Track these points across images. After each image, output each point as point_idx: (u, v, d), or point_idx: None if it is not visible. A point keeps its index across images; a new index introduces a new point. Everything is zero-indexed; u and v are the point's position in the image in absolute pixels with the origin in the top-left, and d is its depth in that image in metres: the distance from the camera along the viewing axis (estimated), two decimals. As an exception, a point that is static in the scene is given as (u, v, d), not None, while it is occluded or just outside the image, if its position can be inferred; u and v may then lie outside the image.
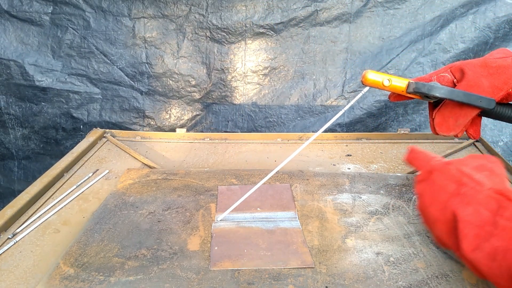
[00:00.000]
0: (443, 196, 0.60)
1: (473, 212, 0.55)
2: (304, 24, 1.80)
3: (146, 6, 1.81)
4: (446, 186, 0.60)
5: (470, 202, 0.57)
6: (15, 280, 0.70)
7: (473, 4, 1.72)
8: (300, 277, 0.67)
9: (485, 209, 0.55)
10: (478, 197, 0.56)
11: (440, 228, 0.60)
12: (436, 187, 0.62)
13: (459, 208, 0.57)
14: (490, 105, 0.67)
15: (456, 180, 0.60)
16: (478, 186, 0.58)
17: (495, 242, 0.52)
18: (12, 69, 1.86)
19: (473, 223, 0.55)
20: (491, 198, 0.55)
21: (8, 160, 2.07)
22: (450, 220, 0.58)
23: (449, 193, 0.59)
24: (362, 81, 0.73)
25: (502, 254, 0.50)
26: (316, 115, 1.90)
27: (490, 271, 0.51)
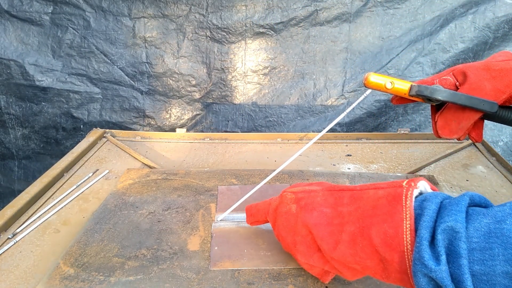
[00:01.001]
0: (291, 219, 0.62)
1: (318, 214, 0.58)
2: (304, 24, 1.81)
3: (146, 6, 1.82)
4: (290, 210, 0.63)
5: (312, 208, 0.59)
6: (15, 280, 0.70)
7: (473, 4, 1.72)
8: (300, 277, 0.67)
9: (326, 207, 0.58)
10: (316, 200, 0.60)
11: (301, 249, 0.61)
12: (283, 216, 0.64)
13: (306, 218, 0.59)
14: (492, 108, 0.67)
15: (294, 200, 0.63)
16: (312, 193, 0.61)
17: (348, 228, 0.53)
18: (12, 69, 1.86)
19: (322, 223, 0.57)
20: (326, 196, 0.59)
21: (8, 159, 2.07)
22: (306, 235, 0.60)
23: (294, 213, 0.62)
24: (365, 83, 0.73)
25: (360, 234, 0.52)
26: (316, 114, 1.90)
27: (356, 258, 0.52)
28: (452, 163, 1.12)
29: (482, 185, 1.00)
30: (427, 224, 0.45)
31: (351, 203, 0.55)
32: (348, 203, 0.55)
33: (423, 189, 0.51)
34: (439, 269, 0.42)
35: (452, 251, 0.42)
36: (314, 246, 0.59)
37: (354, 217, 0.53)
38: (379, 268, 0.50)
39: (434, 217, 0.45)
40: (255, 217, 0.72)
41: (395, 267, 0.48)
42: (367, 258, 0.51)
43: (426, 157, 1.15)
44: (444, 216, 0.44)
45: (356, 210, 0.54)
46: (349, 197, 0.56)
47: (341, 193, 0.58)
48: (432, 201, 0.46)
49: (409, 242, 0.46)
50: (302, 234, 0.60)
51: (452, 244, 0.42)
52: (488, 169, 1.08)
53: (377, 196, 0.52)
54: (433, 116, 0.76)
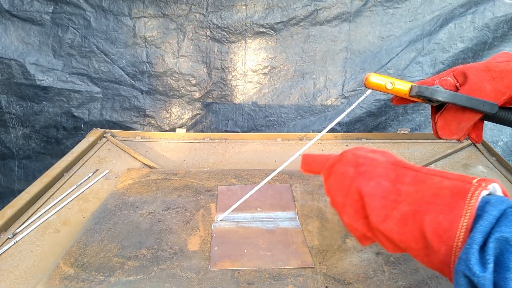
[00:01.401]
0: (346, 180, 0.62)
1: (375, 185, 0.57)
2: (304, 24, 1.80)
3: (147, 5, 1.82)
4: (347, 172, 0.62)
5: (370, 177, 0.59)
6: (15, 280, 0.70)
7: (472, 4, 1.72)
8: (300, 277, 0.68)
9: (386, 180, 0.57)
10: (376, 171, 0.59)
11: (348, 212, 0.61)
12: (338, 176, 0.64)
13: (361, 185, 0.59)
14: (492, 109, 0.68)
15: (353, 164, 0.62)
16: (374, 162, 0.60)
17: (403, 208, 0.53)
18: (13, 69, 1.86)
19: (377, 195, 0.57)
20: (388, 169, 0.58)
21: (8, 159, 2.07)
22: (357, 200, 0.59)
23: (350, 176, 0.61)
24: (365, 84, 0.73)
25: (412, 217, 0.51)
26: (316, 114, 1.90)
27: (402, 237, 0.52)
28: (452, 163, 1.12)
29: (482, 185, 1.00)
30: (483, 229, 0.44)
31: (413, 184, 0.54)
32: (409, 183, 0.55)
33: (493, 190, 0.49)
34: (483, 276, 0.41)
35: (501, 262, 0.42)
36: (362, 212, 0.59)
37: (412, 198, 0.53)
38: (422, 253, 0.50)
39: (492, 223, 0.44)
40: (310, 166, 0.71)
41: (439, 257, 0.48)
42: (413, 241, 0.51)
43: (426, 157, 1.15)
44: (502, 226, 0.43)
45: (415, 193, 0.53)
46: (412, 177, 0.55)
47: (404, 171, 0.57)
48: (496, 207, 0.45)
49: (461, 240, 0.45)
50: (354, 199, 0.60)
51: (503, 255, 0.42)
52: (488, 169, 1.08)
53: (441, 185, 0.51)
54: (433, 116, 0.76)
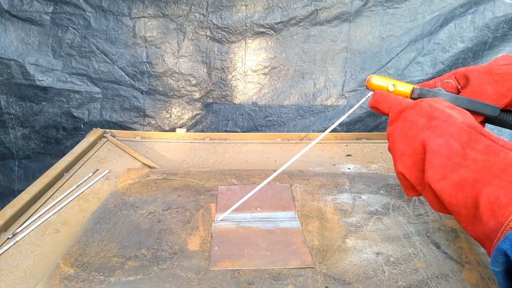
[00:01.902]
0: (413, 130, 0.60)
1: (443, 143, 0.56)
2: (304, 24, 1.80)
3: (147, 5, 1.82)
4: (417, 121, 0.61)
5: (441, 134, 0.57)
6: (15, 280, 0.70)
7: (472, 4, 1.72)
8: (300, 277, 0.68)
9: (456, 141, 0.55)
10: (449, 129, 0.57)
11: (405, 161, 0.60)
12: (406, 123, 0.62)
13: (429, 139, 0.57)
14: (494, 112, 0.68)
15: (427, 115, 0.60)
16: (450, 119, 0.58)
17: (464, 172, 0.52)
18: (13, 69, 1.86)
19: (442, 154, 0.55)
20: (462, 130, 0.56)
21: (8, 159, 2.07)
22: (418, 152, 0.58)
23: (419, 127, 0.60)
24: (367, 85, 0.73)
25: (471, 184, 0.50)
26: (316, 114, 1.90)
27: (454, 201, 0.52)
28: (452, 163, 1.12)
29: (482, 185, 1.00)
30: None
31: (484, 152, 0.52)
32: (480, 151, 0.53)
33: None
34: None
35: None
36: (420, 165, 0.58)
37: (477, 166, 0.51)
38: (468, 221, 0.50)
39: None
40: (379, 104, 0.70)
41: (484, 229, 0.47)
42: (464, 207, 0.50)
43: (426, 157, 1.15)
44: None
45: (483, 162, 0.51)
46: (485, 146, 0.53)
47: (479, 137, 0.54)
48: None
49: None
50: (415, 150, 0.58)
51: None
52: (488, 169, 1.08)
53: None
54: None
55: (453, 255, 0.72)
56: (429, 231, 0.79)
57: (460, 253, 0.72)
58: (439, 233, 0.78)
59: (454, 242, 0.75)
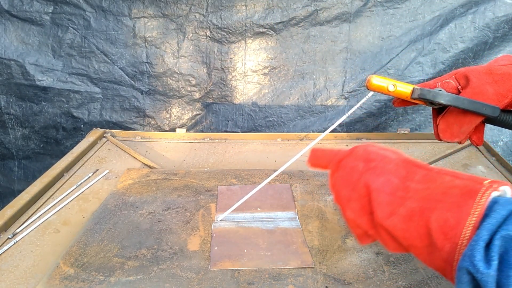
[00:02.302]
0: (354, 175, 0.62)
1: (384, 181, 0.57)
2: (304, 24, 1.80)
3: (147, 5, 1.81)
4: (356, 166, 0.62)
5: (380, 173, 0.59)
6: (15, 280, 0.70)
7: (473, 4, 1.72)
8: (300, 277, 0.68)
9: (395, 177, 0.57)
10: (387, 167, 0.59)
11: (353, 207, 0.61)
12: (347, 170, 0.63)
13: (370, 180, 0.59)
14: (494, 112, 0.68)
15: (364, 158, 0.62)
16: (386, 159, 0.60)
17: (410, 204, 0.53)
18: (13, 69, 1.86)
19: (385, 191, 0.56)
20: (399, 166, 0.58)
21: (8, 160, 2.07)
22: (364, 195, 0.59)
23: (359, 171, 0.61)
24: (367, 86, 0.73)
25: (419, 214, 0.51)
26: (316, 114, 1.90)
27: (407, 234, 0.52)
28: (452, 163, 1.12)
29: (482, 185, 1.00)
30: (490, 227, 0.44)
31: (423, 181, 0.54)
32: (419, 181, 0.54)
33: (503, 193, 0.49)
34: (487, 273, 0.41)
35: (505, 260, 0.42)
36: (368, 208, 0.59)
37: (420, 195, 0.53)
38: (425, 251, 0.50)
39: (499, 222, 0.44)
40: (318, 159, 0.71)
41: (442, 255, 0.48)
42: (417, 238, 0.51)
43: (426, 157, 1.15)
44: (509, 224, 0.43)
45: (424, 190, 0.53)
46: (422, 176, 0.55)
47: (415, 169, 0.56)
48: (504, 207, 0.45)
49: (467, 238, 0.46)
50: (360, 194, 0.60)
51: (507, 253, 0.42)
52: (488, 169, 1.08)
53: (451, 184, 0.51)
54: (434, 119, 0.76)
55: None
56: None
57: (460, 253, 0.72)
58: (439, 233, 0.78)
59: (454, 242, 0.75)
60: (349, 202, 0.61)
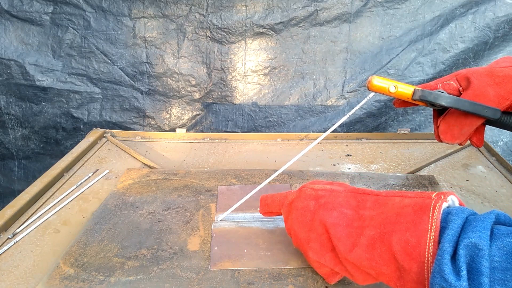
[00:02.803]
0: (308, 215, 0.62)
1: (338, 214, 0.58)
2: (304, 24, 1.81)
3: (147, 6, 1.82)
4: (307, 206, 0.62)
5: (332, 207, 0.59)
6: (15, 280, 0.70)
7: (473, 4, 1.72)
8: (300, 277, 0.67)
9: (348, 209, 0.57)
10: (337, 201, 0.59)
11: (314, 247, 0.60)
12: (299, 211, 0.63)
13: (324, 216, 0.59)
14: (495, 115, 0.68)
15: (313, 197, 0.62)
16: (334, 193, 0.61)
17: (368, 232, 0.53)
18: (13, 69, 1.86)
19: (341, 224, 0.56)
20: (348, 197, 0.59)
21: (8, 160, 2.07)
22: (322, 233, 0.59)
23: (311, 210, 0.61)
24: (368, 86, 0.73)
25: (379, 240, 0.51)
26: (316, 115, 1.90)
27: (372, 263, 0.52)
28: (452, 163, 1.12)
29: (482, 185, 1.00)
30: (450, 238, 0.44)
31: (375, 207, 0.55)
32: (371, 207, 0.55)
33: (451, 203, 0.50)
34: (459, 285, 0.41)
35: (473, 268, 0.42)
36: (329, 245, 0.58)
37: (376, 222, 0.53)
38: (394, 276, 0.50)
39: (458, 232, 0.44)
40: (269, 207, 0.71)
41: (412, 276, 0.47)
42: (384, 265, 0.50)
43: (426, 157, 1.15)
44: (468, 232, 0.43)
45: (379, 215, 0.53)
46: (372, 202, 0.56)
47: (364, 197, 0.57)
48: (458, 216, 0.46)
49: (431, 254, 0.45)
50: (318, 232, 0.59)
51: (474, 261, 0.42)
52: (488, 169, 1.08)
53: (402, 204, 0.51)
54: (435, 120, 0.76)
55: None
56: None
57: (461, 253, 0.72)
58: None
59: (454, 242, 0.75)
60: (309, 243, 0.61)
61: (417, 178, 0.98)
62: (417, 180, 0.96)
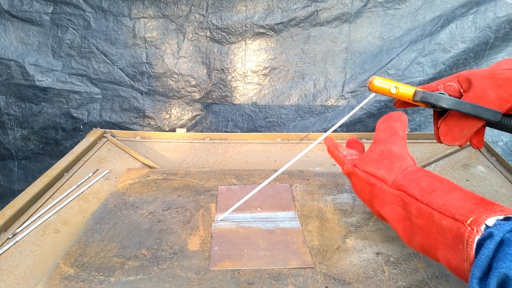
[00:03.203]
0: (366, 196, 0.68)
1: (391, 211, 0.62)
2: (304, 24, 1.80)
3: (146, 6, 1.81)
4: (364, 188, 0.68)
5: (384, 203, 0.63)
6: (15, 280, 0.70)
7: (474, 4, 1.72)
8: (300, 277, 0.67)
9: (397, 206, 0.61)
10: (386, 197, 0.63)
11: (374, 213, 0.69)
12: (358, 188, 0.70)
13: (380, 209, 0.65)
14: (496, 117, 0.68)
15: (367, 182, 0.67)
16: (383, 186, 0.63)
17: (419, 239, 0.58)
18: (13, 69, 1.86)
19: (395, 220, 0.62)
20: (395, 196, 0.61)
21: (8, 160, 2.07)
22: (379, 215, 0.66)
23: (368, 193, 0.67)
24: (369, 87, 0.73)
25: (428, 249, 0.56)
26: (316, 115, 1.90)
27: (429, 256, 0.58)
28: (452, 163, 1.12)
29: (482, 185, 1.00)
30: (480, 263, 0.46)
31: (419, 217, 0.57)
32: (416, 215, 0.57)
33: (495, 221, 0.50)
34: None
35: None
36: None
37: (423, 232, 0.56)
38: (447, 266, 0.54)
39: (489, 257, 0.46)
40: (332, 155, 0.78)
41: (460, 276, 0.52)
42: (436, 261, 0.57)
43: (426, 157, 1.15)
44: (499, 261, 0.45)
45: (423, 228, 0.56)
46: (416, 210, 0.57)
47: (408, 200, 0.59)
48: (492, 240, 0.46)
49: None
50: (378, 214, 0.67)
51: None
52: (488, 169, 1.08)
53: (441, 225, 0.53)
54: (435, 122, 0.77)
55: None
56: None
57: (461, 253, 0.72)
58: (439, 233, 0.78)
59: (454, 242, 0.75)
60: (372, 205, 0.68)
61: (417, 178, 0.97)
62: (417, 180, 0.96)
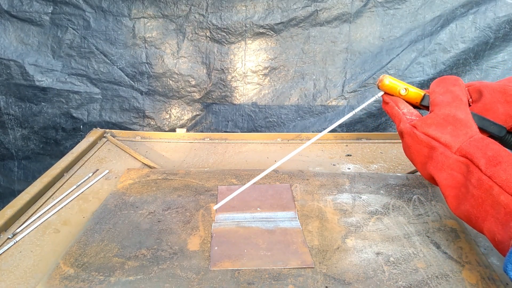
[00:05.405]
0: (419, 158, 0.68)
1: (447, 176, 0.62)
2: (304, 24, 1.81)
3: (146, 6, 1.82)
4: (420, 150, 0.67)
5: (442, 168, 0.63)
6: (15, 280, 0.70)
7: (474, 4, 1.72)
8: (300, 277, 0.67)
9: (458, 172, 0.61)
10: (448, 162, 0.63)
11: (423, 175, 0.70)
12: (412, 150, 0.69)
13: (435, 173, 0.64)
14: (500, 132, 0.68)
15: (426, 145, 0.66)
16: (446, 151, 0.63)
17: (468, 207, 0.59)
18: (12, 69, 1.86)
19: (450, 186, 0.62)
20: (459, 162, 0.61)
21: (8, 160, 2.07)
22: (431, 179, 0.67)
23: (423, 155, 0.67)
24: (379, 85, 0.73)
25: (474, 219, 0.58)
26: (316, 115, 1.90)
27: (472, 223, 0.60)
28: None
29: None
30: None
31: (477, 187, 0.57)
32: (475, 185, 0.58)
33: None
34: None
35: None
36: None
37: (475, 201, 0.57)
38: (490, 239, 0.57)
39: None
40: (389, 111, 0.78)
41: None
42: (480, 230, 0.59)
43: (426, 157, 1.15)
44: None
45: (478, 198, 0.57)
46: (477, 180, 0.58)
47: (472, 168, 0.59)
48: None
49: None
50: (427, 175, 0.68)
51: None
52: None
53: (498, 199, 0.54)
54: None
55: (453, 255, 0.72)
56: (429, 231, 0.78)
57: (460, 253, 0.72)
58: (439, 233, 0.78)
59: (454, 242, 0.75)
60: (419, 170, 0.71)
61: (417, 178, 0.98)
62: (417, 180, 0.96)
